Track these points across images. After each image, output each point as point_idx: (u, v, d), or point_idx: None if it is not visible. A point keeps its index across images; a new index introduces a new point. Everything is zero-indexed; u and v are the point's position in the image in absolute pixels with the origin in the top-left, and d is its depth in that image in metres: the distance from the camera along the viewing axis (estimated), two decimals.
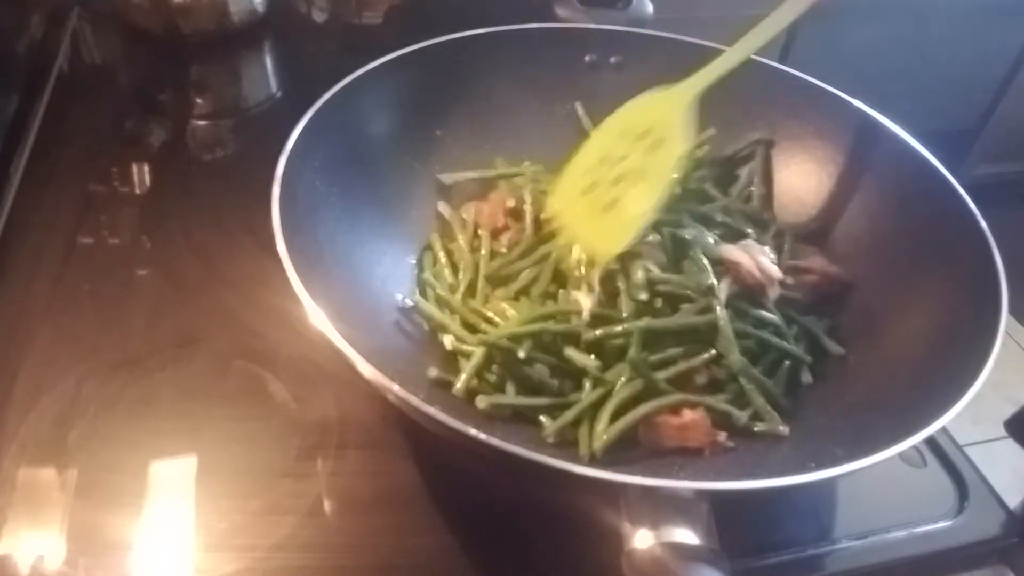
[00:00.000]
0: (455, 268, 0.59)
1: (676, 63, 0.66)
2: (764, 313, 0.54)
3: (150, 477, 0.49)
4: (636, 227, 0.53)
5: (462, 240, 0.60)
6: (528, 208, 0.60)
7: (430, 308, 0.56)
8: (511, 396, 0.50)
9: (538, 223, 0.59)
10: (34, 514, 0.47)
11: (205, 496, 0.48)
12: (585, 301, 0.53)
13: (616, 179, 0.56)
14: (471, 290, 0.57)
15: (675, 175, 0.55)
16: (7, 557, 0.45)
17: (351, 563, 0.47)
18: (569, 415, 0.49)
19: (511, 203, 0.61)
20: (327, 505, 0.49)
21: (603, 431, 0.48)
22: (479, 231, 0.61)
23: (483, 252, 0.59)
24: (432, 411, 0.40)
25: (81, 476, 0.49)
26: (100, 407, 0.52)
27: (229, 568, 0.45)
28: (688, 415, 0.49)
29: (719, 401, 0.50)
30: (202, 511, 0.48)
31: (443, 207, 0.63)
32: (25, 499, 0.47)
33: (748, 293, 0.54)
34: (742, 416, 0.50)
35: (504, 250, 0.59)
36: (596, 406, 0.50)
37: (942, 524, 0.51)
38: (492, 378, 0.51)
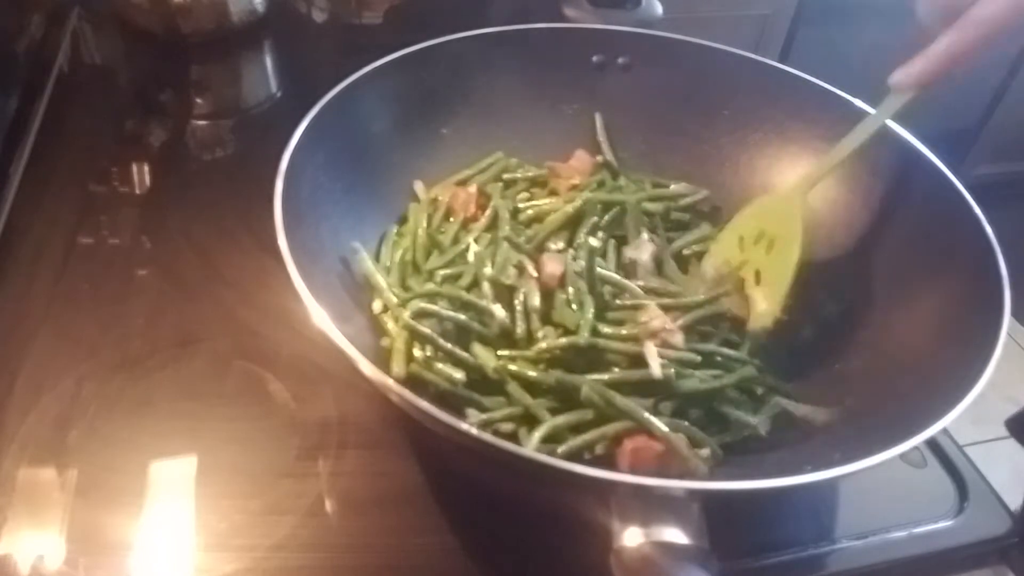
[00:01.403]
0: (415, 243, 0.59)
1: (684, 65, 0.66)
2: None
3: (150, 477, 0.49)
4: (763, 324, 0.55)
5: (423, 219, 0.60)
6: (495, 202, 0.60)
7: (369, 266, 0.55)
8: (444, 379, 0.49)
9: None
10: (34, 514, 0.47)
11: (205, 496, 0.48)
12: (499, 312, 0.52)
13: (738, 284, 0.58)
14: (422, 271, 0.57)
15: (793, 274, 0.55)
16: (7, 557, 0.45)
17: (351, 563, 0.47)
18: (498, 414, 0.49)
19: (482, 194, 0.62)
20: (327, 505, 0.49)
21: (533, 446, 0.46)
22: (450, 216, 0.61)
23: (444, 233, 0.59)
24: (429, 407, 0.40)
25: (81, 476, 0.49)
26: (100, 407, 0.52)
27: (229, 568, 0.45)
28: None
29: (679, 425, 0.48)
30: (202, 511, 0.48)
31: (419, 187, 0.63)
32: (25, 499, 0.47)
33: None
34: (705, 453, 0.47)
35: (470, 239, 0.59)
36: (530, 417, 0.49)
37: (942, 524, 0.51)
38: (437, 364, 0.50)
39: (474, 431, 0.39)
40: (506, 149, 0.66)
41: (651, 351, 0.50)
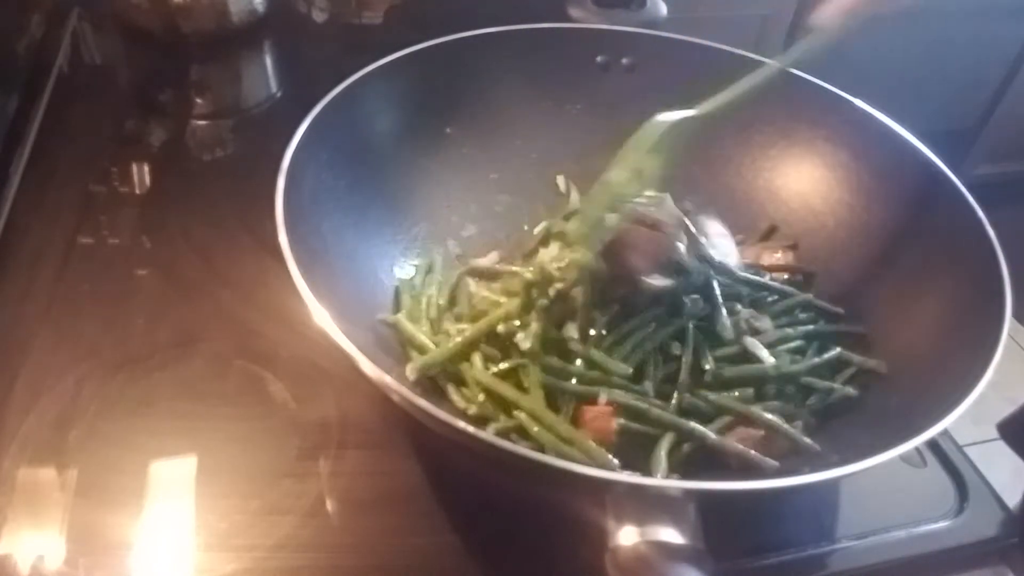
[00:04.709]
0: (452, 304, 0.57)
1: (688, 65, 0.66)
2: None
3: (150, 477, 0.49)
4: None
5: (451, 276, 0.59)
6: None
7: (410, 328, 0.54)
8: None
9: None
10: (34, 514, 0.47)
11: (205, 496, 0.48)
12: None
13: None
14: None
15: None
16: (7, 557, 0.45)
17: (351, 563, 0.47)
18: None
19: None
20: (327, 505, 0.49)
21: (663, 465, 0.47)
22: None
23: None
24: (429, 407, 0.40)
25: (81, 476, 0.49)
26: (100, 407, 0.52)
27: (229, 568, 0.45)
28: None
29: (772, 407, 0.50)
30: (202, 511, 0.48)
31: (561, 180, 0.66)
32: (25, 499, 0.47)
33: None
34: (799, 425, 0.50)
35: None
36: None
37: (942, 524, 0.51)
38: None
39: (474, 431, 0.39)
40: (508, 149, 0.66)
41: (754, 343, 0.52)
